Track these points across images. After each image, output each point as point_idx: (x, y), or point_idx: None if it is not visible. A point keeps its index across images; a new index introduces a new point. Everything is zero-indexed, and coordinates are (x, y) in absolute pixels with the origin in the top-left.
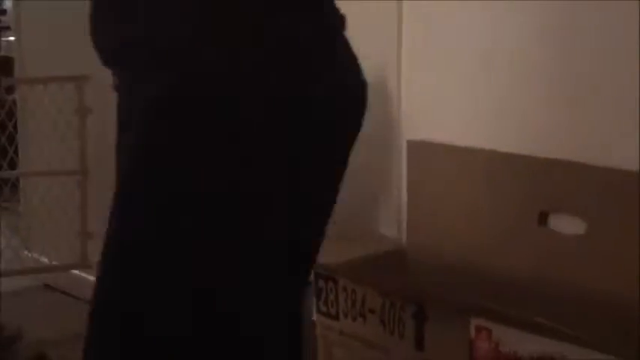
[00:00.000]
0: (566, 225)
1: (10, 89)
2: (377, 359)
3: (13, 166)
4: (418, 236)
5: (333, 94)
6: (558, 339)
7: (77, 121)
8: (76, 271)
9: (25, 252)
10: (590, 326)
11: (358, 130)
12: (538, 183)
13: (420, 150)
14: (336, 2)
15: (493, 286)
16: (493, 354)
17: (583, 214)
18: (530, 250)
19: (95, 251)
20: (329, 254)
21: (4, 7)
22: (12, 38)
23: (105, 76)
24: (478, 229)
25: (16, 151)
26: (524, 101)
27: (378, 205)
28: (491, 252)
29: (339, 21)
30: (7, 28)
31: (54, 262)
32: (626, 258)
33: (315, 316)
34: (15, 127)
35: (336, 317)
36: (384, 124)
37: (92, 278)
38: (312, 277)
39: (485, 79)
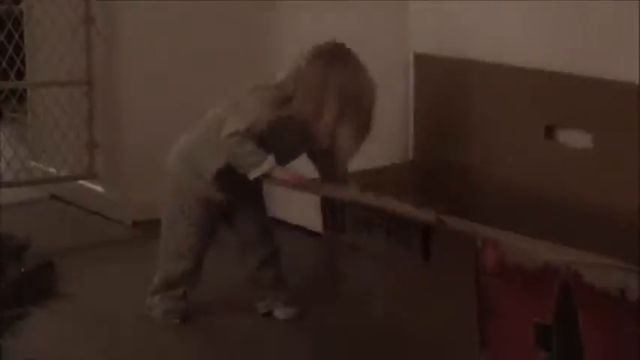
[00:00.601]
0: (573, 138)
1: None
2: (383, 270)
3: (20, 76)
4: (425, 149)
5: None
6: (565, 255)
7: (83, 31)
8: (82, 182)
9: (32, 162)
10: (594, 236)
11: None
12: (545, 97)
13: (427, 63)
14: None
15: (500, 199)
16: (499, 264)
17: (589, 128)
18: (537, 163)
19: (101, 162)
20: None
21: None
22: None
23: None
24: (485, 143)
25: (23, 62)
26: (531, 16)
27: (387, 118)
28: (498, 165)
29: None
30: None
31: (61, 173)
32: (631, 171)
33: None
34: (22, 37)
35: (343, 229)
36: (391, 37)
37: (98, 189)
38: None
39: None
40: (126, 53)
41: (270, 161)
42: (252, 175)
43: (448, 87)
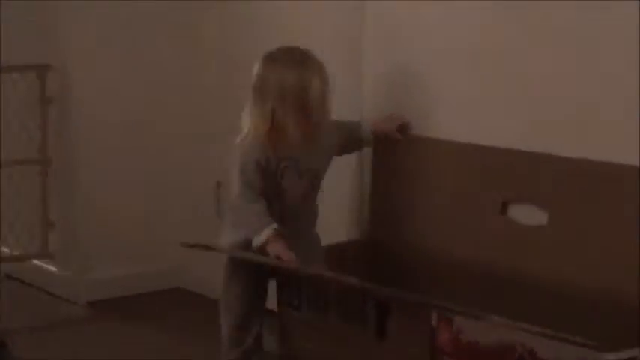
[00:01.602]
0: (528, 215)
1: None
2: (339, 348)
3: None
4: (382, 226)
5: None
6: (521, 331)
7: (39, 110)
8: (36, 261)
9: None
10: (550, 316)
11: None
12: (500, 174)
13: (384, 141)
14: None
15: (457, 274)
16: (454, 343)
17: (544, 205)
18: (493, 239)
19: (55, 241)
20: None
21: None
22: None
23: (67, 66)
24: (441, 219)
25: None
26: (484, 94)
27: (344, 197)
28: (455, 241)
29: None
30: None
31: (15, 252)
32: (586, 247)
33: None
34: None
35: (298, 307)
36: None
37: (52, 268)
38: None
39: (445, 72)
40: (81, 131)
41: (267, 232)
42: (254, 244)
43: (405, 164)
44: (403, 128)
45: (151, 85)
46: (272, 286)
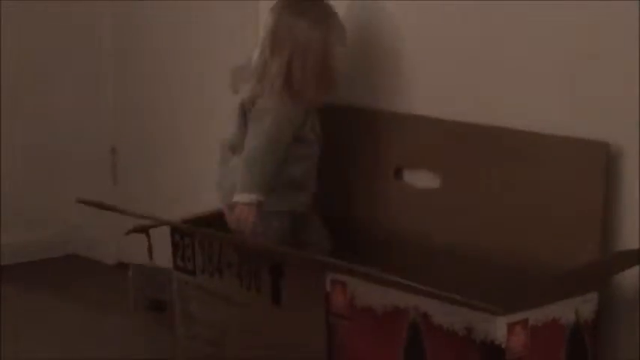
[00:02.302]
0: (421, 179)
1: None
2: (234, 313)
3: None
4: None
5: None
6: (411, 292)
7: None
8: None
9: None
10: (447, 278)
11: None
12: (393, 138)
13: None
14: None
15: (351, 238)
16: (348, 307)
17: (437, 169)
18: (387, 203)
19: None
20: (185, 209)
21: None
22: None
23: None
24: (335, 184)
25: None
26: (378, 55)
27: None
28: (349, 206)
29: None
30: None
31: None
32: (479, 209)
33: (172, 272)
34: None
35: (193, 272)
36: None
37: None
38: (169, 232)
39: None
40: None
41: (255, 198)
42: (235, 198)
43: None
44: None
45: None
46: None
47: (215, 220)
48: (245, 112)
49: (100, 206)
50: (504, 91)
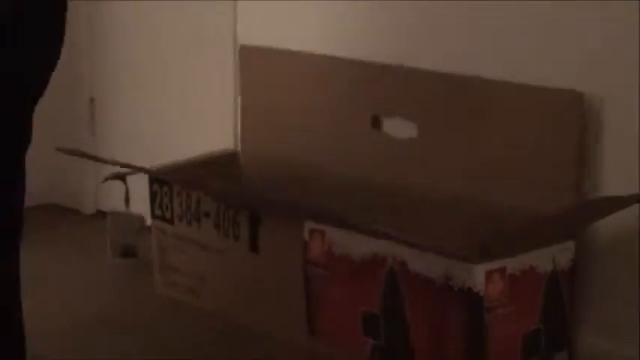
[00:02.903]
0: (398, 128)
1: None
2: (212, 261)
3: None
4: (252, 141)
5: None
6: (389, 240)
7: None
8: None
9: None
10: (421, 226)
11: None
12: (370, 87)
13: (254, 55)
14: None
15: (328, 189)
16: (326, 256)
17: (414, 118)
18: (364, 152)
19: None
20: (163, 159)
21: None
22: None
23: None
24: (312, 134)
25: None
26: (359, 5)
27: (211, 110)
28: (325, 156)
29: None
30: None
31: None
32: (454, 159)
33: (150, 221)
34: None
35: (171, 221)
36: (219, 30)
37: None
38: (146, 181)
39: None
40: None
41: None
42: None
43: (274, 78)
44: None
45: None
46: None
47: (193, 169)
48: None
49: (80, 154)
50: (480, 41)
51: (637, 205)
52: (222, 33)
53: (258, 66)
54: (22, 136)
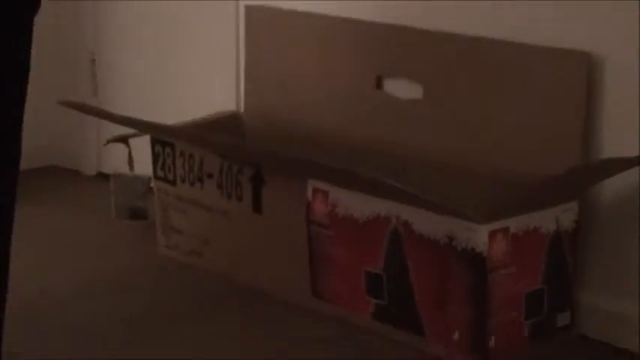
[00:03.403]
0: (403, 89)
1: None
2: (215, 222)
3: None
4: (255, 102)
5: None
6: (392, 199)
7: None
8: None
9: None
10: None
11: None
12: (374, 48)
13: (258, 15)
14: None
15: (331, 150)
16: (330, 216)
17: (419, 79)
18: (368, 113)
19: None
20: (166, 120)
21: None
22: None
23: None
24: (316, 94)
25: None
26: None
27: (214, 71)
28: (329, 116)
29: None
30: None
31: None
32: (459, 121)
33: (152, 182)
34: None
35: (174, 182)
36: None
37: None
38: (149, 142)
39: None
40: None
41: None
42: None
43: (278, 38)
44: None
45: None
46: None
47: (196, 130)
48: None
49: (82, 108)
50: (485, 2)
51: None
52: None
53: (262, 25)
54: None
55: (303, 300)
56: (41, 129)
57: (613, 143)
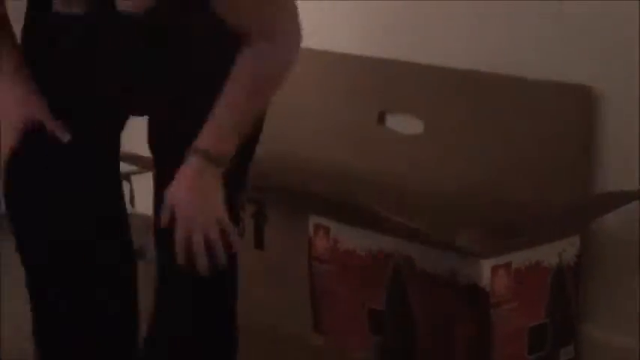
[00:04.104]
0: (404, 124)
1: None
2: None
3: None
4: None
5: None
6: (393, 235)
7: None
8: None
9: None
10: (428, 223)
11: None
12: (376, 83)
13: None
14: None
15: (334, 184)
16: (331, 252)
17: (420, 114)
18: (371, 148)
19: None
20: None
21: None
22: None
23: None
24: (318, 129)
25: None
26: (364, 1)
27: None
28: (332, 151)
29: None
30: None
31: None
32: (460, 156)
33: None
34: None
35: None
36: None
37: None
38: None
39: None
40: None
41: None
42: None
43: None
44: None
45: None
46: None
47: None
48: None
49: None
50: (487, 37)
51: None
52: None
53: None
54: None
55: (304, 335)
56: None
57: (614, 177)
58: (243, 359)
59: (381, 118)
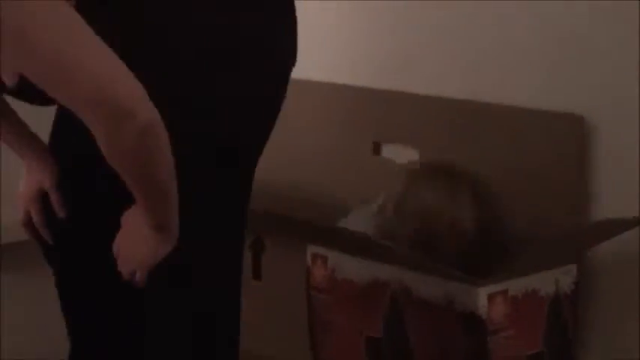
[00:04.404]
0: (400, 154)
1: None
2: None
3: None
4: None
5: None
6: (390, 263)
7: None
8: None
9: None
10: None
11: None
12: (371, 113)
13: None
14: None
15: (330, 213)
16: (329, 280)
17: (415, 144)
18: (366, 179)
19: None
20: None
21: None
22: None
23: None
24: (314, 159)
25: None
26: (358, 32)
27: None
28: (326, 183)
29: None
30: None
31: None
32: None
33: None
34: None
35: None
36: None
37: None
38: None
39: (318, 6)
40: None
41: None
42: None
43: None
44: None
45: None
46: None
47: None
48: None
49: None
50: (480, 66)
51: (638, 227)
52: None
53: None
54: None
55: None
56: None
57: (608, 205)
58: None
59: (377, 149)
